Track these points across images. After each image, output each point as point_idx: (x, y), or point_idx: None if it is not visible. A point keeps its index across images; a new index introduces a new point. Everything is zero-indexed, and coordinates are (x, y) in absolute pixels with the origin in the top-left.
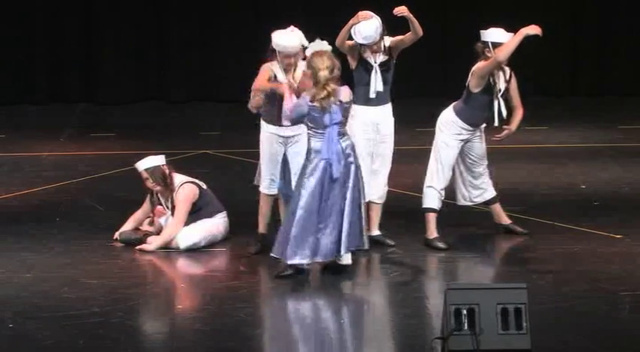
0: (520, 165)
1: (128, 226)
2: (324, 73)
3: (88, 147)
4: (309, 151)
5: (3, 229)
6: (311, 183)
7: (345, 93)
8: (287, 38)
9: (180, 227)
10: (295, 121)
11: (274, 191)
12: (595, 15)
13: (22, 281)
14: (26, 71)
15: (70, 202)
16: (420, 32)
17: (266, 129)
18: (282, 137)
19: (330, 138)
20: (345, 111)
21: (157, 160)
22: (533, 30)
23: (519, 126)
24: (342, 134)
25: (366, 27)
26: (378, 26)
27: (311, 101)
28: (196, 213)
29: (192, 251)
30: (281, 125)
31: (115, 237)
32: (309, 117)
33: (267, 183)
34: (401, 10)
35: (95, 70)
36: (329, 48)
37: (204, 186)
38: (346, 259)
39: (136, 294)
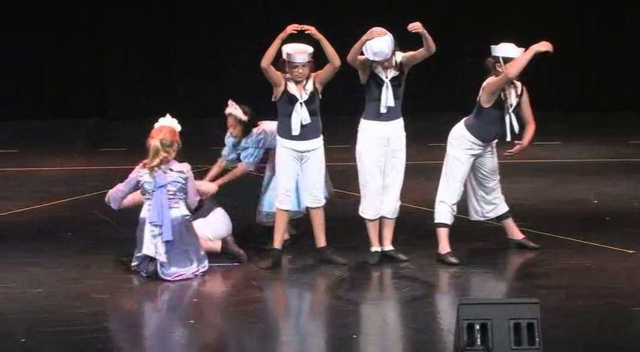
0: (531, 179)
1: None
2: (154, 142)
3: (98, 161)
4: (140, 221)
5: (14, 244)
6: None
7: (180, 166)
8: (295, 46)
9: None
10: (122, 197)
11: (289, 206)
12: (605, 30)
13: (32, 296)
14: (36, 86)
15: (80, 217)
16: (433, 48)
17: (281, 144)
18: (298, 151)
19: (159, 203)
20: (174, 179)
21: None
22: (543, 46)
23: (531, 141)
24: (175, 203)
25: (378, 43)
26: (390, 43)
27: (143, 167)
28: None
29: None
30: (296, 139)
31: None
32: (141, 185)
33: (282, 198)
34: (415, 27)
35: (105, 85)
36: (177, 127)
37: None
38: None
39: (146, 309)
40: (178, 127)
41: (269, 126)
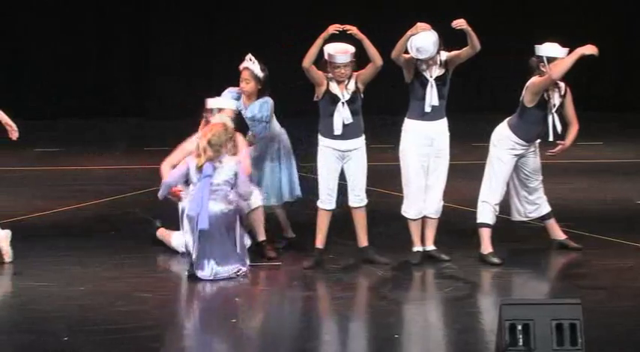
0: (573, 180)
1: (177, 156)
2: (202, 143)
3: (141, 160)
4: (180, 212)
5: (56, 242)
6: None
7: (230, 159)
8: (337, 46)
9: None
10: (173, 183)
11: (331, 206)
12: None
13: (74, 294)
14: (80, 86)
15: (123, 216)
16: (478, 46)
17: (322, 143)
18: (339, 151)
19: (200, 193)
20: (221, 172)
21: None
22: (589, 50)
23: (574, 141)
24: (219, 197)
25: (421, 40)
26: (435, 40)
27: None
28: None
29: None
30: (337, 138)
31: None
32: (189, 176)
33: (324, 198)
34: (460, 23)
35: (147, 84)
36: (230, 124)
37: None
38: None
39: (189, 308)
40: (231, 124)
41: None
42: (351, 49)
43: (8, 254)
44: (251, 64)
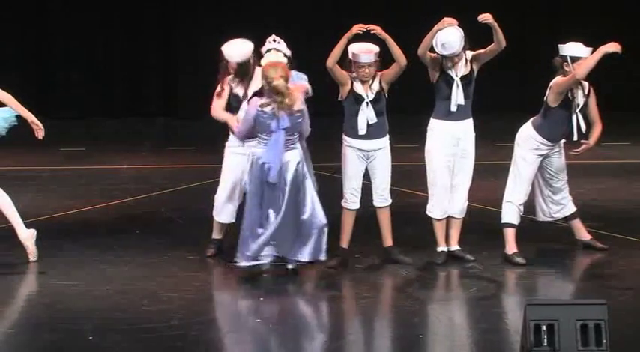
0: (600, 180)
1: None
2: (280, 82)
3: (167, 160)
4: (252, 159)
5: (82, 241)
6: (251, 188)
7: (299, 104)
8: (361, 46)
9: None
10: (245, 135)
11: (356, 206)
12: None
13: (101, 293)
14: (106, 85)
15: (148, 215)
16: (504, 42)
17: (347, 143)
18: (364, 151)
19: (275, 143)
20: (296, 120)
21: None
22: (612, 48)
23: (598, 141)
24: (292, 144)
25: (447, 36)
26: (460, 36)
27: (260, 106)
28: None
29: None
30: (362, 138)
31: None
32: (258, 122)
33: (348, 198)
34: (485, 17)
35: (175, 84)
36: (284, 60)
37: None
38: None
39: (214, 307)
40: (284, 60)
41: None
42: (376, 48)
43: (33, 253)
44: (277, 45)
